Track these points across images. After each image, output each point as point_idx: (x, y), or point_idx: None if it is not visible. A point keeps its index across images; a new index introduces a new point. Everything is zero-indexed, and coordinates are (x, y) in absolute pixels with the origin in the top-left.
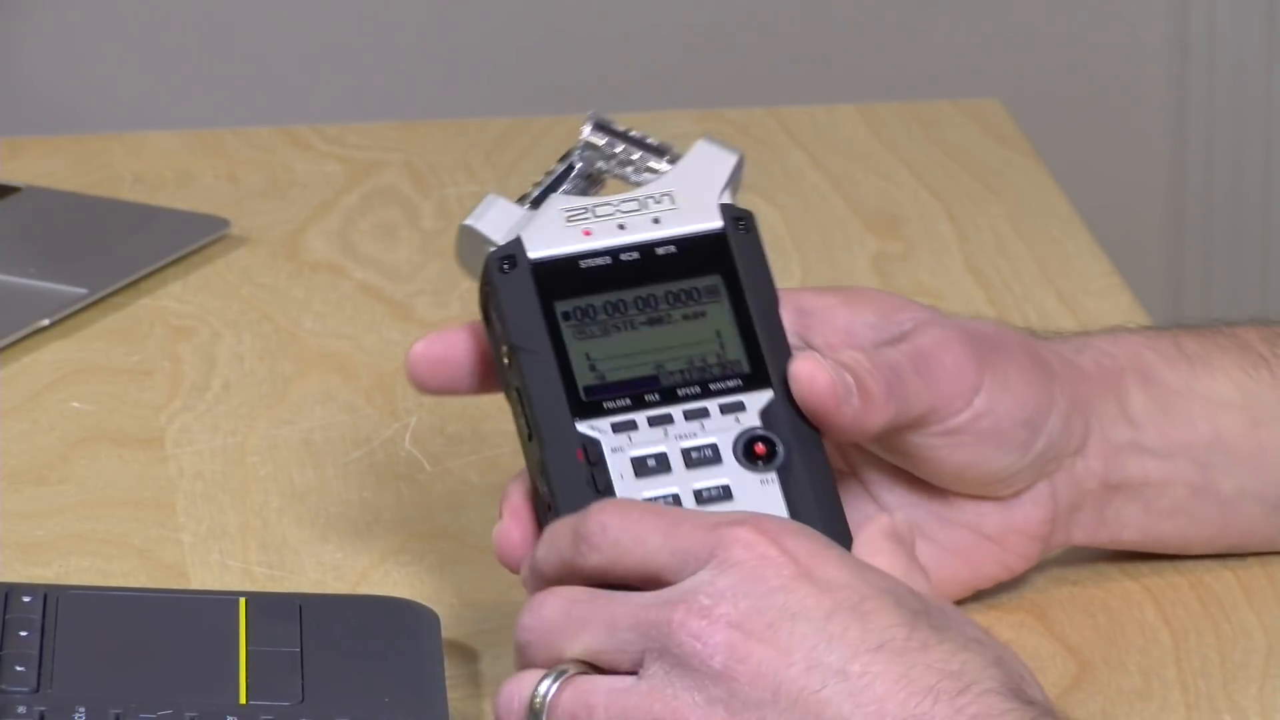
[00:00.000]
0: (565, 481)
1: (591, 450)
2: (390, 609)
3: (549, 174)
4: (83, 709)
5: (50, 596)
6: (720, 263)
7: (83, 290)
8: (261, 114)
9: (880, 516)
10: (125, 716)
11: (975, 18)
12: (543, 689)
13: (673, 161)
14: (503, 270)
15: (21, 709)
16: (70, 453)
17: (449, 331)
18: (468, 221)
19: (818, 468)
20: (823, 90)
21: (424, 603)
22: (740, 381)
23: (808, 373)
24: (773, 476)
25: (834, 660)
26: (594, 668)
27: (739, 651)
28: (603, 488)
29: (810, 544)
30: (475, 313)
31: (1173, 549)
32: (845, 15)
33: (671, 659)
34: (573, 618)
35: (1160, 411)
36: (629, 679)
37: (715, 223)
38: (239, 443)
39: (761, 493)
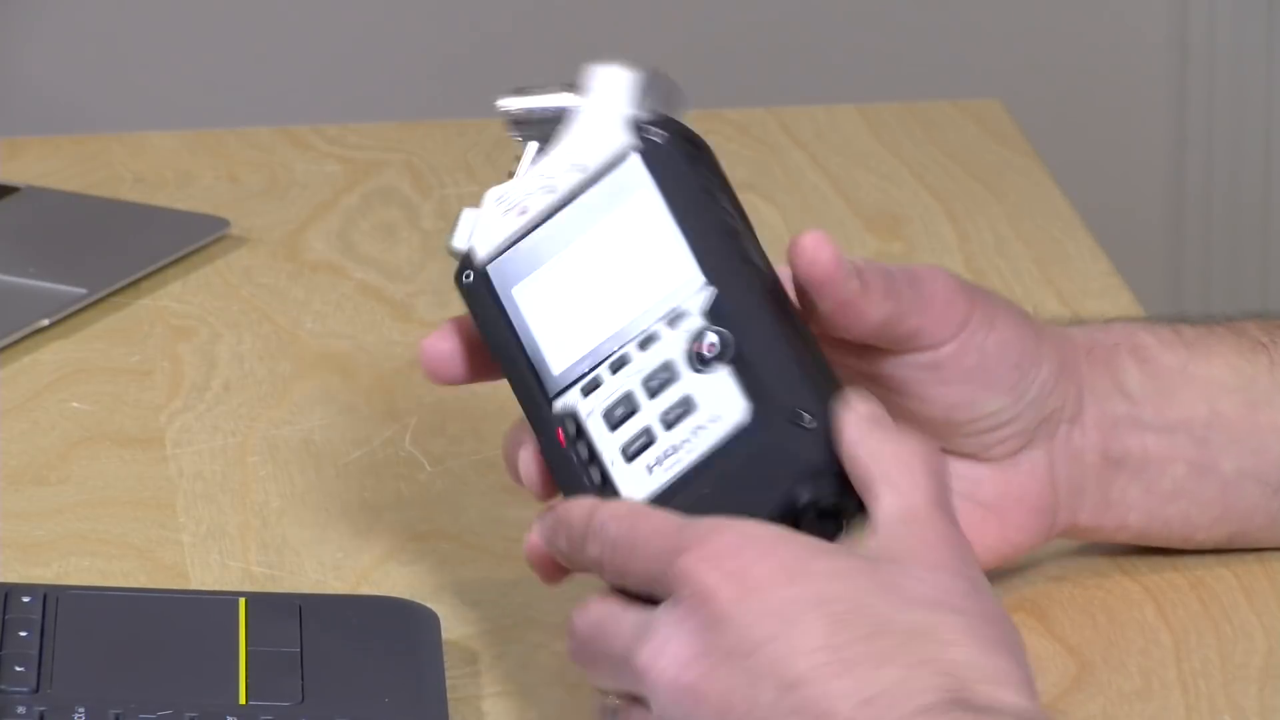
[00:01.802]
0: (556, 468)
1: (569, 425)
2: (390, 609)
3: (515, 166)
4: (82, 709)
5: (50, 596)
6: (638, 181)
7: (82, 290)
8: (261, 114)
9: (854, 404)
10: (125, 716)
11: (975, 18)
12: None
13: (581, 94)
14: (465, 280)
15: (21, 709)
16: (70, 453)
17: (450, 323)
18: (449, 244)
19: (777, 339)
20: (823, 90)
21: (424, 603)
22: (677, 288)
23: (812, 243)
24: (726, 370)
25: (765, 700)
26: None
27: (686, 699)
28: (591, 457)
29: (751, 561)
30: None
31: (1176, 536)
32: (845, 15)
33: (648, 701)
34: (586, 654)
35: (1156, 390)
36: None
37: (624, 143)
38: (239, 443)
39: (718, 392)
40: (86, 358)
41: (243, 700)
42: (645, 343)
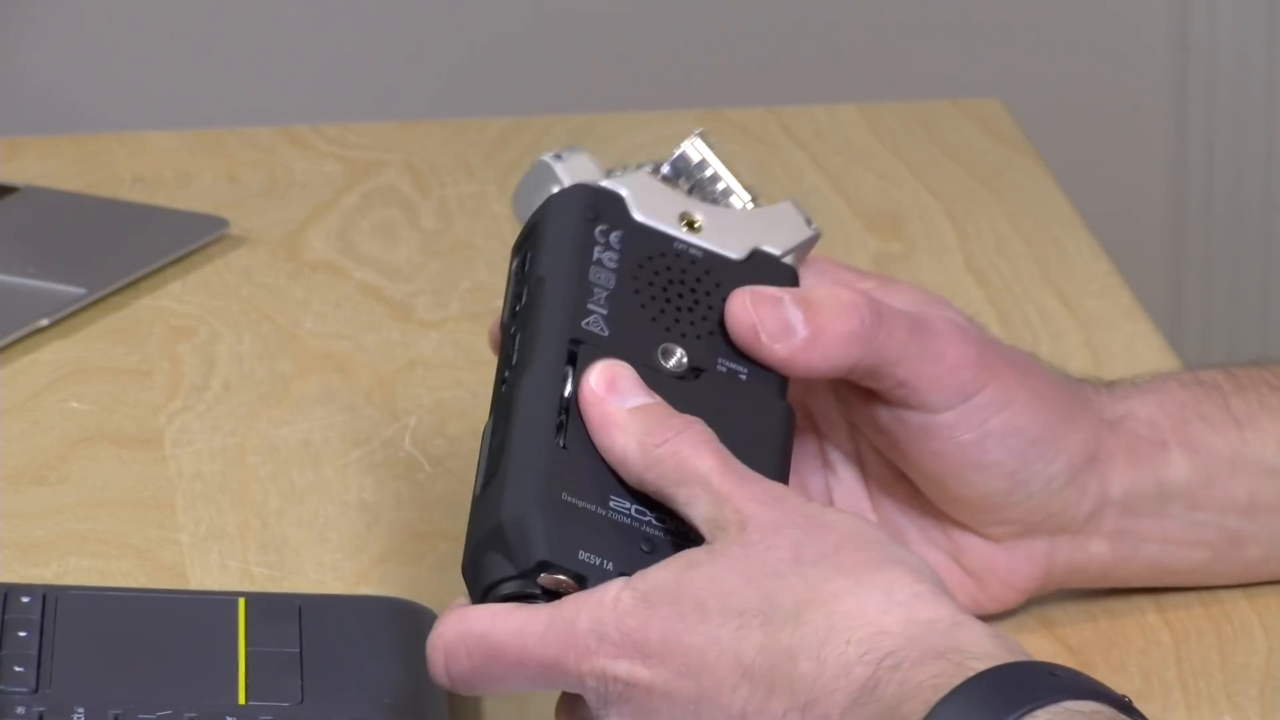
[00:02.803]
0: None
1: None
2: (390, 609)
3: (636, 165)
4: (82, 709)
5: (49, 596)
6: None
7: (82, 290)
8: (261, 114)
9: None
10: (124, 717)
11: (975, 18)
12: None
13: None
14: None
15: (21, 709)
16: (70, 453)
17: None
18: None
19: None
20: (823, 90)
21: (424, 603)
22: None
23: (735, 307)
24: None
25: None
26: None
27: None
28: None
29: (650, 615)
30: (475, 312)
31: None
32: (845, 15)
33: None
34: None
35: (1202, 483)
36: None
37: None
38: (239, 443)
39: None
40: (86, 358)
41: (242, 701)
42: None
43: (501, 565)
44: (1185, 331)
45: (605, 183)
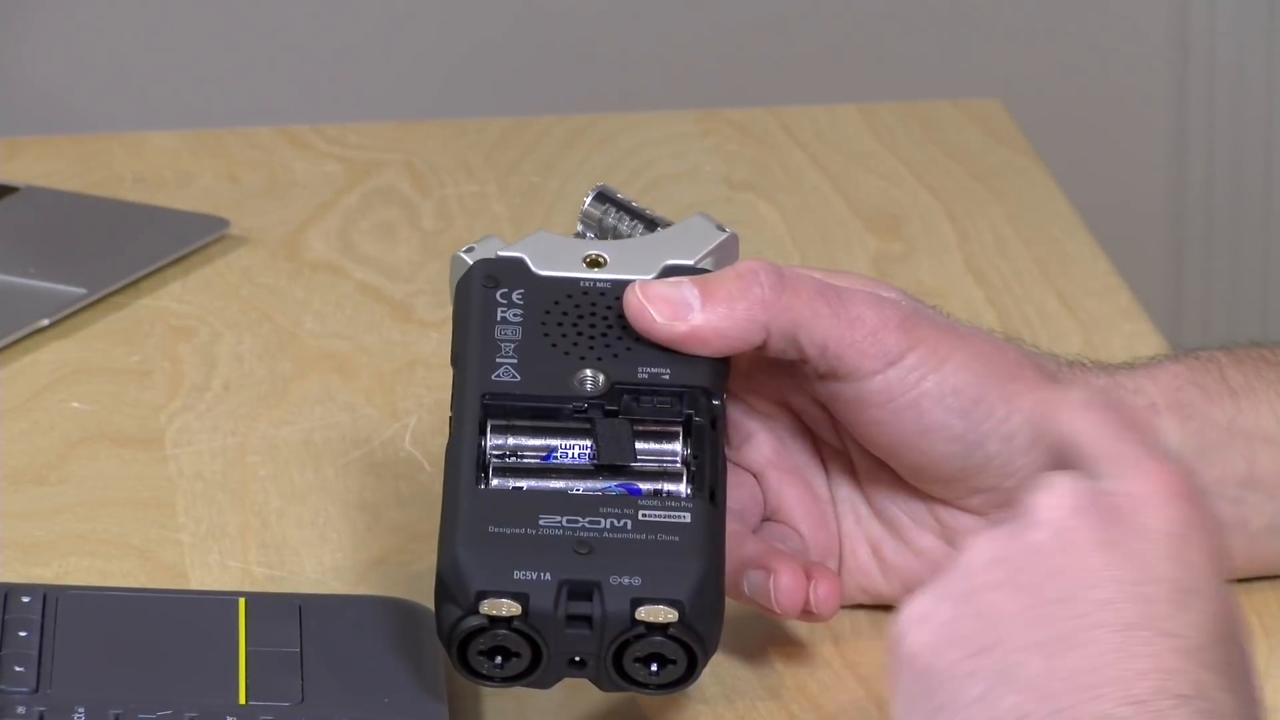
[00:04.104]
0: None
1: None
2: (390, 609)
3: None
4: (82, 709)
5: (50, 596)
6: None
7: (82, 290)
8: (261, 114)
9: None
10: (125, 717)
11: (975, 18)
12: None
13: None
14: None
15: (21, 709)
16: (70, 453)
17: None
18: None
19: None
20: (823, 90)
21: (424, 603)
22: None
23: (628, 301)
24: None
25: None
26: None
27: (1066, 548)
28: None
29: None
30: None
31: None
32: (845, 15)
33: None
34: None
35: (1198, 451)
36: None
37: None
38: (239, 443)
39: None
40: (86, 358)
41: (243, 700)
42: None
43: (451, 611)
44: (1185, 332)
45: (503, 252)
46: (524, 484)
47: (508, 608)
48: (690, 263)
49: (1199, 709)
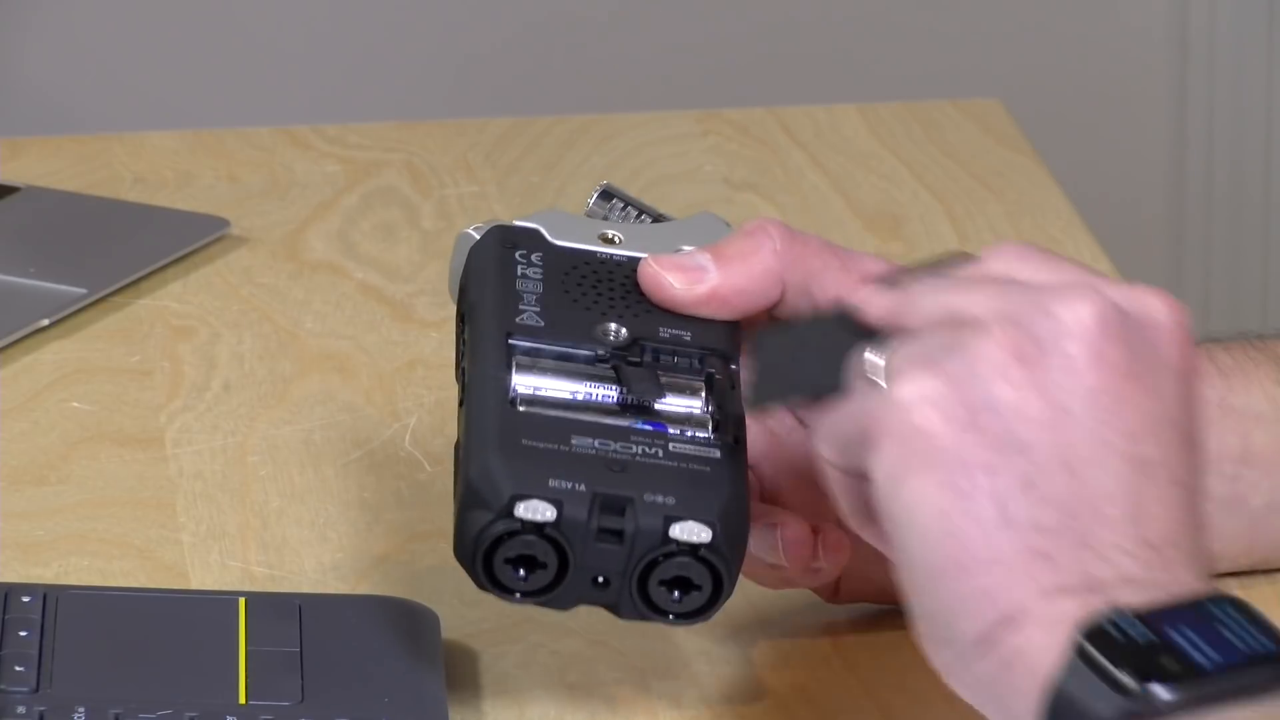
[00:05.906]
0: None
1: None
2: (390, 609)
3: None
4: (82, 709)
5: (50, 596)
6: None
7: (82, 290)
8: (261, 114)
9: None
10: (125, 716)
11: (975, 18)
12: None
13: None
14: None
15: (21, 709)
16: (70, 453)
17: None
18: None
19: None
20: (823, 90)
21: (424, 603)
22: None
23: (643, 271)
24: None
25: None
26: None
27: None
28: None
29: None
30: None
31: None
32: (845, 15)
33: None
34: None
35: None
36: None
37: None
38: (239, 443)
39: None
40: (86, 358)
41: (243, 700)
42: None
43: (480, 516)
44: None
45: (519, 221)
46: (554, 412)
47: (542, 511)
48: None
49: (1202, 571)
